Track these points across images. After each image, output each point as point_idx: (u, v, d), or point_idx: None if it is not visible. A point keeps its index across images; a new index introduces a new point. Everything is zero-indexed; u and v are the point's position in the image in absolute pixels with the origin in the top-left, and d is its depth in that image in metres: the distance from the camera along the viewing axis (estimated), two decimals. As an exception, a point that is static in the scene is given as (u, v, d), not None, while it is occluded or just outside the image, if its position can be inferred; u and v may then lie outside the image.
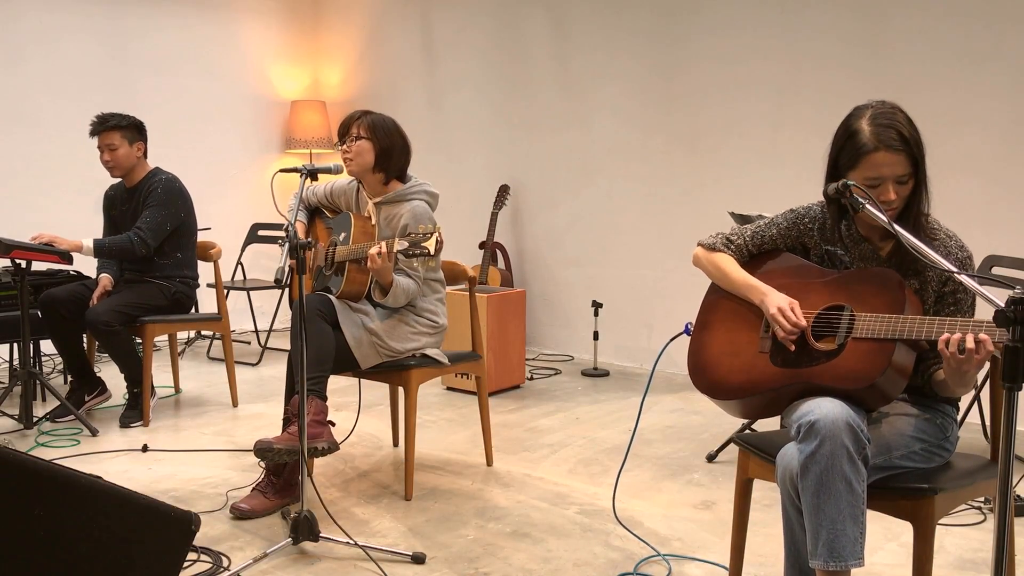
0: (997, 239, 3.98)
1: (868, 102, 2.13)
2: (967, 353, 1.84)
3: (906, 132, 2.04)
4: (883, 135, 2.03)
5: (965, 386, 1.97)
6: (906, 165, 2.04)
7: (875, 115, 2.06)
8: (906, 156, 2.03)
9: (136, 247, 4.10)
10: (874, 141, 2.03)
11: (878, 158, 2.03)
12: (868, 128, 2.05)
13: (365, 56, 6.86)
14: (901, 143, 2.03)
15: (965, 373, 1.89)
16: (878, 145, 2.03)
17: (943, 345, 1.86)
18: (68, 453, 3.69)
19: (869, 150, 2.04)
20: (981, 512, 3.06)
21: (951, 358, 1.86)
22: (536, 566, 2.67)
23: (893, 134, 2.03)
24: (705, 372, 2.23)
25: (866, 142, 2.04)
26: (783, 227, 2.31)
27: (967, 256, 2.11)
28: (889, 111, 2.07)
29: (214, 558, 2.69)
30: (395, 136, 3.30)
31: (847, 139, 2.09)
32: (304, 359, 2.68)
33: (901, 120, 2.06)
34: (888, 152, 2.03)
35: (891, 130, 2.03)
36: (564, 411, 4.46)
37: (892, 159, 2.03)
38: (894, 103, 2.11)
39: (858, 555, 1.90)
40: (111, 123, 4.15)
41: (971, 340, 1.83)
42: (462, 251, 6.07)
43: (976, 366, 1.87)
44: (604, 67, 5.45)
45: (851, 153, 2.07)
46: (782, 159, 4.76)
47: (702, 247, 2.40)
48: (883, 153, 2.03)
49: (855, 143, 2.06)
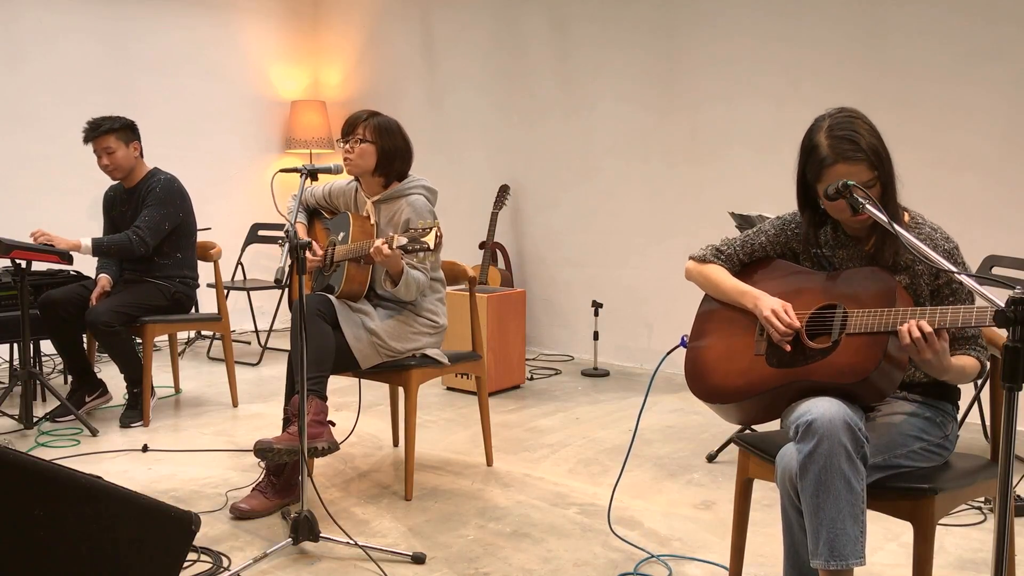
0: (997, 239, 3.98)
1: (827, 111, 2.16)
2: (918, 343, 1.90)
3: (863, 141, 2.06)
4: (839, 147, 2.07)
5: (941, 374, 2.00)
6: (867, 171, 2.07)
7: (831, 127, 2.10)
8: (866, 164, 2.06)
9: (135, 246, 4.10)
10: (832, 155, 2.07)
11: (838, 170, 2.07)
12: (825, 141, 2.09)
13: (365, 56, 6.86)
14: (858, 152, 2.06)
15: (927, 362, 1.93)
16: (836, 158, 2.07)
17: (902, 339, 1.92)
18: (68, 453, 3.69)
19: (829, 163, 2.08)
20: (981, 512, 3.06)
21: (909, 349, 1.92)
22: (536, 566, 2.67)
23: (849, 145, 2.06)
24: (703, 378, 2.25)
25: (825, 155, 2.08)
26: (771, 234, 2.34)
27: (954, 247, 2.13)
28: (845, 120, 2.10)
29: (214, 558, 2.69)
30: (399, 141, 3.29)
31: (809, 153, 2.14)
32: (304, 359, 2.68)
33: (858, 128, 2.08)
34: (847, 164, 2.06)
35: (846, 142, 2.07)
36: (564, 411, 4.46)
37: (852, 169, 2.06)
38: (854, 110, 2.14)
39: (859, 554, 1.90)
40: (104, 127, 4.14)
41: (915, 330, 1.89)
42: (462, 251, 6.07)
43: (936, 354, 1.91)
44: (605, 67, 5.45)
45: (814, 167, 2.12)
46: (782, 158, 4.74)
47: (693, 260, 2.44)
48: (842, 165, 2.07)
49: (816, 157, 2.11)
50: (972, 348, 2.10)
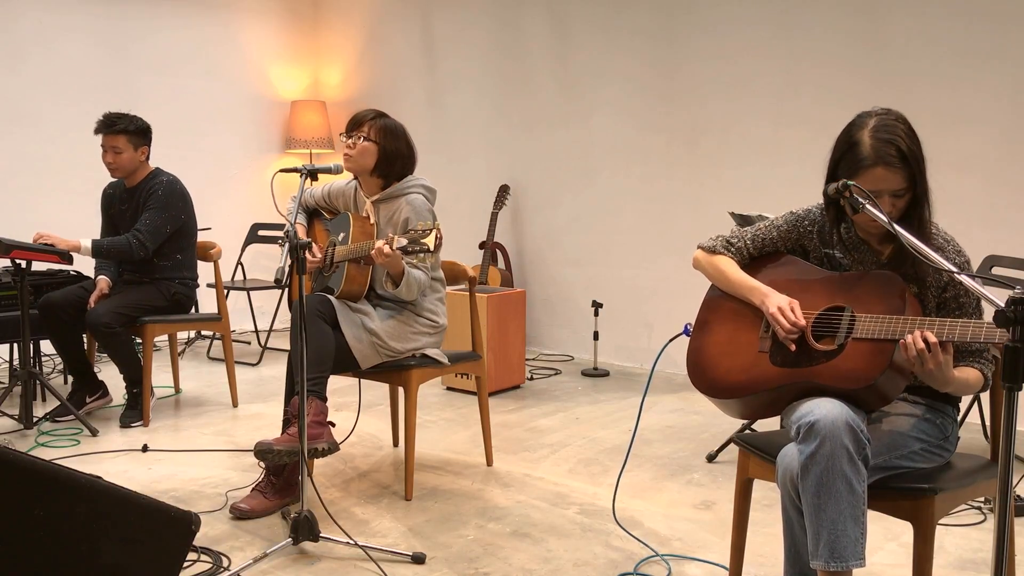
0: (997, 239, 3.98)
1: (873, 109, 2.11)
2: (922, 354, 1.88)
3: (905, 148, 2.02)
4: (882, 151, 2.02)
5: (943, 385, 1.98)
6: (902, 180, 2.04)
7: (877, 127, 2.05)
8: (903, 172, 2.03)
9: (134, 250, 4.09)
10: (873, 156, 2.03)
11: (876, 173, 2.03)
12: (869, 141, 2.04)
13: (365, 56, 6.86)
14: (899, 160, 2.02)
15: (930, 373, 1.92)
16: (876, 161, 2.03)
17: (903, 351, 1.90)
18: (68, 453, 3.69)
19: (868, 165, 2.03)
20: (981, 512, 3.06)
21: (913, 361, 1.90)
22: (536, 566, 2.67)
23: (892, 150, 2.02)
24: (705, 371, 2.23)
25: (865, 156, 2.04)
26: (783, 229, 2.31)
27: (965, 261, 2.10)
28: (891, 123, 2.06)
29: (214, 558, 2.69)
30: (402, 145, 3.28)
31: (848, 148, 2.08)
32: (304, 359, 2.68)
33: (902, 134, 2.04)
34: (886, 169, 2.02)
35: (891, 146, 2.02)
36: (564, 411, 4.46)
37: (889, 175, 2.03)
38: (899, 113, 2.09)
39: (859, 555, 1.90)
40: (119, 126, 4.13)
41: (919, 341, 1.88)
42: (462, 251, 6.07)
43: (939, 366, 1.90)
44: (604, 67, 5.45)
45: (850, 163, 2.07)
46: (783, 158, 4.76)
47: (702, 250, 2.39)
48: (881, 169, 2.03)
49: (855, 154, 2.06)
50: (977, 361, 2.08)
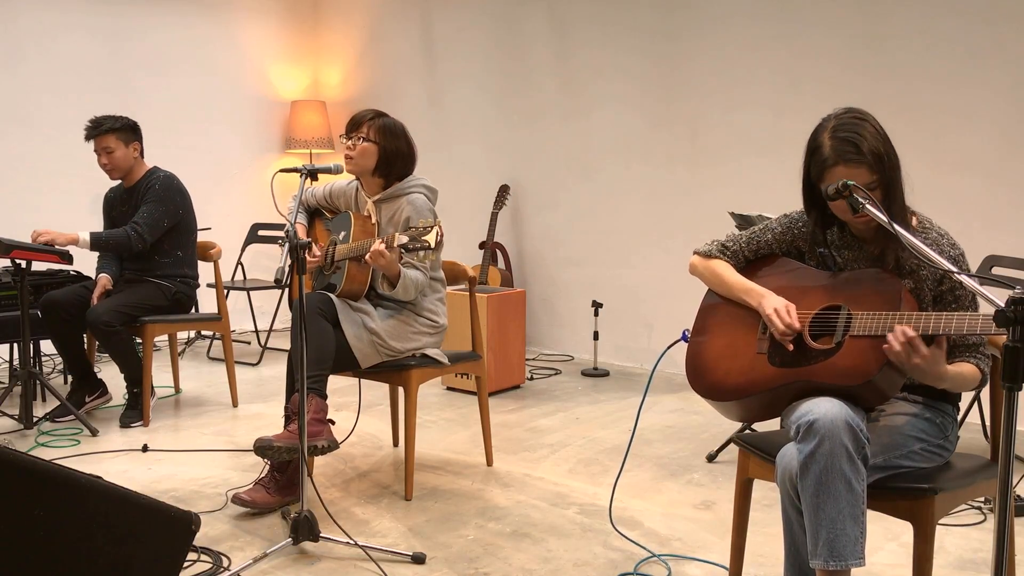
0: (997, 239, 3.98)
1: (833, 111, 2.16)
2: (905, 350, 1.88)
3: (865, 144, 2.05)
4: (840, 149, 2.06)
5: (936, 381, 1.99)
6: (868, 174, 2.06)
7: (835, 127, 2.10)
8: (866, 167, 2.06)
9: (133, 242, 4.10)
10: (833, 156, 2.07)
11: (838, 172, 2.07)
12: (828, 142, 2.09)
13: (365, 56, 6.86)
14: (858, 155, 2.05)
15: (916, 367, 1.92)
16: (836, 160, 2.07)
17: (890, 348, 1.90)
18: (68, 453, 3.69)
19: (829, 165, 2.08)
20: (981, 512, 3.06)
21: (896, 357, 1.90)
22: (536, 566, 2.67)
23: (850, 148, 2.06)
24: (704, 375, 2.24)
25: (826, 156, 2.09)
26: (778, 232, 2.33)
27: (959, 254, 2.12)
28: (850, 121, 2.09)
29: (214, 558, 2.69)
30: (402, 144, 3.28)
31: (811, 153, 2.14)
32: (304, 358, 2.68)
33: (861, 131, 2.07)
34: (847, 166, 2.06)
35: (848, 144, 2.06)
36: (564, 411, 4.46)
37: (852, 171, 2.06)
38: (861, 111, 2.13)
39: (859, 555, 1.90)
40: (105, 126, 4.14)
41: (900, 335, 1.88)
42: (462, 251, 6.08)
43: (925, 360, 1.89)
44: (604, 66, 5.45)
45: (817, 167, 2.12)
46: (783, 158, 4.75)
47: (698, 255, 2.42)
48: (842, 167, 2.06)
49: (818, 157, 2.11)
50: (973, 356, 2.08)
